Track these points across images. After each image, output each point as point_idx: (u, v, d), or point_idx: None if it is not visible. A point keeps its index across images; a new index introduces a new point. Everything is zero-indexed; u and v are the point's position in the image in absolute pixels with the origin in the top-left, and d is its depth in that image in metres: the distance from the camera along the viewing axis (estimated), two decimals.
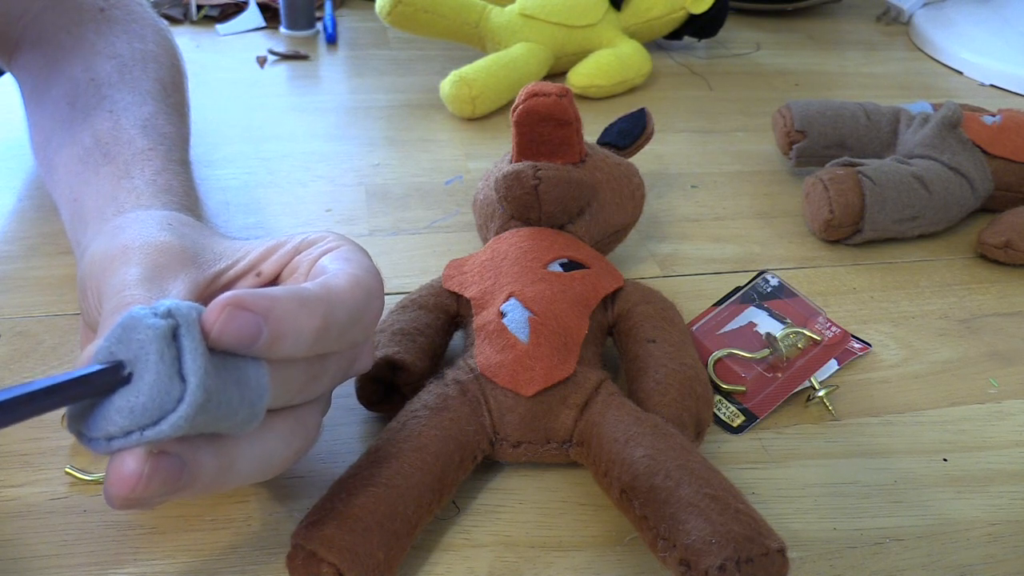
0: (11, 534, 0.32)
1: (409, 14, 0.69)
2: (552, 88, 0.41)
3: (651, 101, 0.73)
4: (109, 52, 0.44)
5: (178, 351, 0.22)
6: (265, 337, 0.24)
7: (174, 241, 0.31)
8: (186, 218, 0.34)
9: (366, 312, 0.28)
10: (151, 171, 0.38)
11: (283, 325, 0.24)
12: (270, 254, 0.31)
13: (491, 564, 0.32)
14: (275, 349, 0.24)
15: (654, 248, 0.52)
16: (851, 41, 0.93)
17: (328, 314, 0.26)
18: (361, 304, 0.27)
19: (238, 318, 0.23)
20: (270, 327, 0.24)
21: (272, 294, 0.24)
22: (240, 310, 0.23)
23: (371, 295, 0.28)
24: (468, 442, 0.33)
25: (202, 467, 0.24)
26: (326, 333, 0.26)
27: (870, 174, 0.51)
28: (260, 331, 0.23)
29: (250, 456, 0.26)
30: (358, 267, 0.29)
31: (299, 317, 0.25)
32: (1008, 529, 0.35)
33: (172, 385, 0.22)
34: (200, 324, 0.23)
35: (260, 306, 0.24)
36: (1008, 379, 0.43)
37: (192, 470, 0.24)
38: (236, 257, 0.31)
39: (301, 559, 0.28)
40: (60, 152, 0.40)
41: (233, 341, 0.23)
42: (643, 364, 0.37)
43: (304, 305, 0.25)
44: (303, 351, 0.25)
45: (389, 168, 0.59)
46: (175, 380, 0.22)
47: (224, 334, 0.23)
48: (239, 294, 0.23)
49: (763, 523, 0.29)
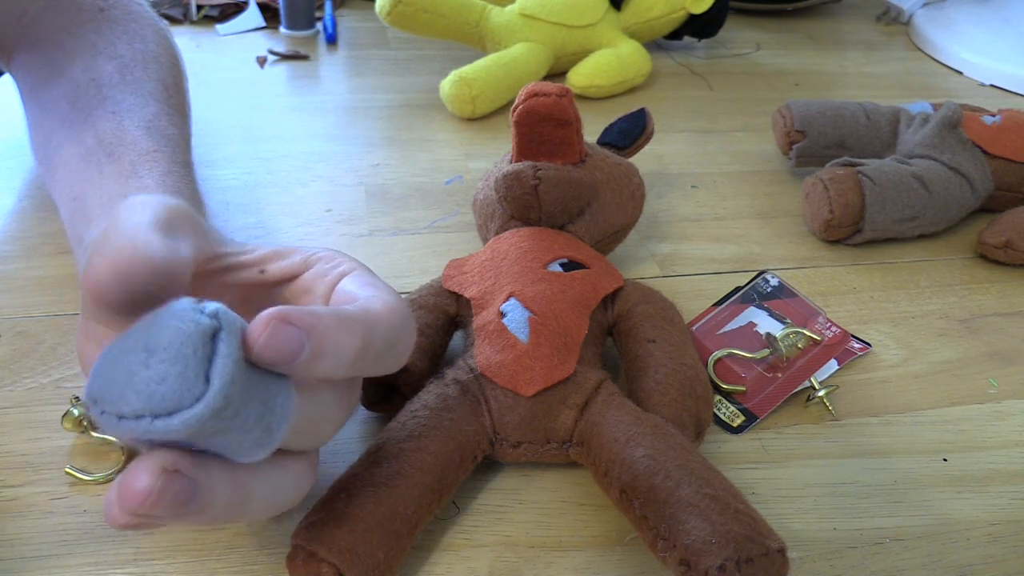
0: (11, 534, 0.32)
1: (409, 14, 0.69)
2: (552, 88, 0.41)
3: (651, 101, 0.73)
4: (110, 52, 0.44)
5: (212, 353, 0.22)
6: (307, 353, 0.24)
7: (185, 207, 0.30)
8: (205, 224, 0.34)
9: (402, 337, 0.28)
10: (159, 172, 0.38)
11: (325, 343, 0.24)
12: (277, 258, 0.31)
13: (491, 564, 0.32)
14: (315, 366, 0.24)
15: (654, 248, 0.52)
16: (851, 41, 0.93)
17: (367, 335, 0.26)
18: (398, 329, 0.28)
19: (283, 332, 0.23)
20: (313, 343, 0.24)
21: (315, 311, 0.24)
22: (286, 324, 0.23)
23: (406, 320, 0.28)
24: (468, 442, 0.33)
25: (215, 496, 0.24)
26: (364, 355, 0.26)
27: (870, 174, 0.51)
28: (303, 346, 0.23)
29: (265, 493, 0.26)
30: (388, 293, 0.29)
31: (341, 336, 0.25)
32: (1008, 529, 0.35)
33: (196, 383, 0.22)
34: (243, 335, 0.23)
35: (305, 322, 0.24)
36: (1008, 379, 0.43)
37: (204, 497, 0.23)
38: (242, 249, 0.31)
39: (301, 559, 0.28)
40: (60, 151, 0.40)
41: (276, 354, 0.23)
42: (643, 364, 0.37)
43: (345, 324, 0.25)
44: (342, 371, 0.25)
45: (389, 168, 0.59)
46: (200, 379, 0.22)
47: (269, 347, 0.23)
48: (285, 309, 0.23)
49: (763, 523, 0.29)
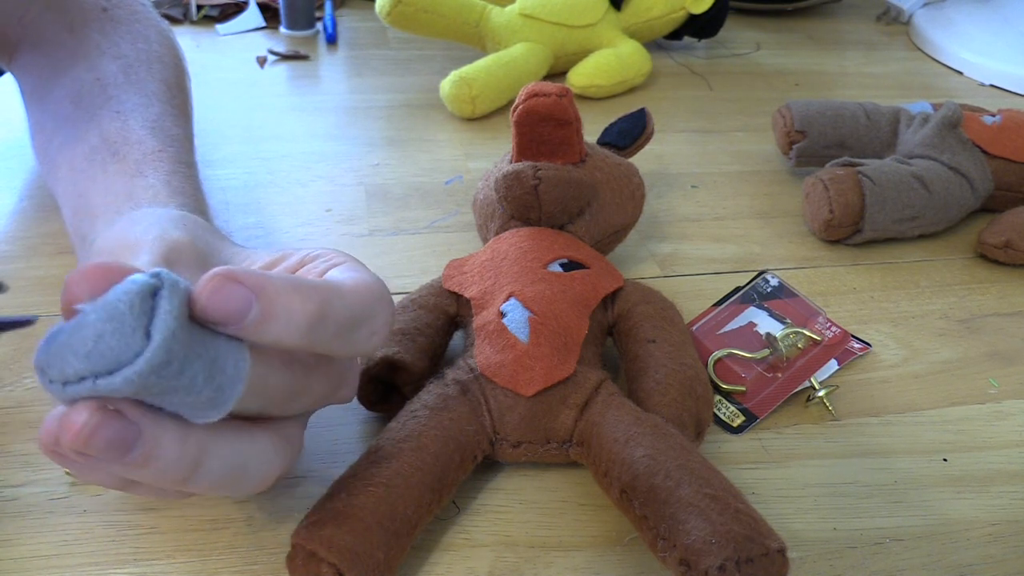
0: (11, 534, 0.32)
1: (409, 14, 0.69)
2: (552, 88, 0.41)
3: (651, 101, 0.73)
4: (113, 52, 0.44)
5: (152, 310, 0.22)
6: (255, 314, 0.23)
7: (186, 239, 0.30)
8: (199, 219, 0.34)
9: (370, 316, 0.27)
10: (164, 172, 0.38)
11: (275, 305, 0.23)
12: (274, 265, 0.31)
13: (491, 564, 0.32)
14: (264, 329, 0.23)
15: (654, 248, 0.52)
16: (851, 41, 0.93)
17: (324, 304, 0.25)
18: (365, 306, 0.27)
19: (228, 289, 0.22)
20: (261, 305, 0.23)
21: (267, 273, 0.24)
22: (232, 282, 0.23)
23: (376, 299, 0.27)
24: (468, 442, 0.33)
25: (162, 447, 0.23)
26: (321, 325, 0.25)
27: (870, 174, 0.51)
28: (249, 306, 0.23)
29: (223, 457, 0.25)
30: (364, 273, 0.28)
31: (293, 300, 0.24)
32: (1008, 529, 0.35)
33: (134, 338, 0.21)
34: (187, 294, 0.22)
35: (253, 282, 0.23)
36: (1008, 379, 0.43)
37: (148, 445, 0.23)
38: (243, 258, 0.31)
39: (301, 559, 0.28)
40: (64, 150, 0.40)
41: (221, 312, 0.22)
42: (643, 364, 0.37)
43: (299, 290, 0.24)
44: (295, 338, 0.24)
45: (389, 168, 0.59)
46: (139, 334, 0.22)
47: (212, 303, 0.22)
48: (232, 268, 0.23)
49: (763, 523, 0.29)
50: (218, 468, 0.25)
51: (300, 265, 0.31)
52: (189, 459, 0.24)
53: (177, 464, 0.24)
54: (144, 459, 0.23)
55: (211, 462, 0.25)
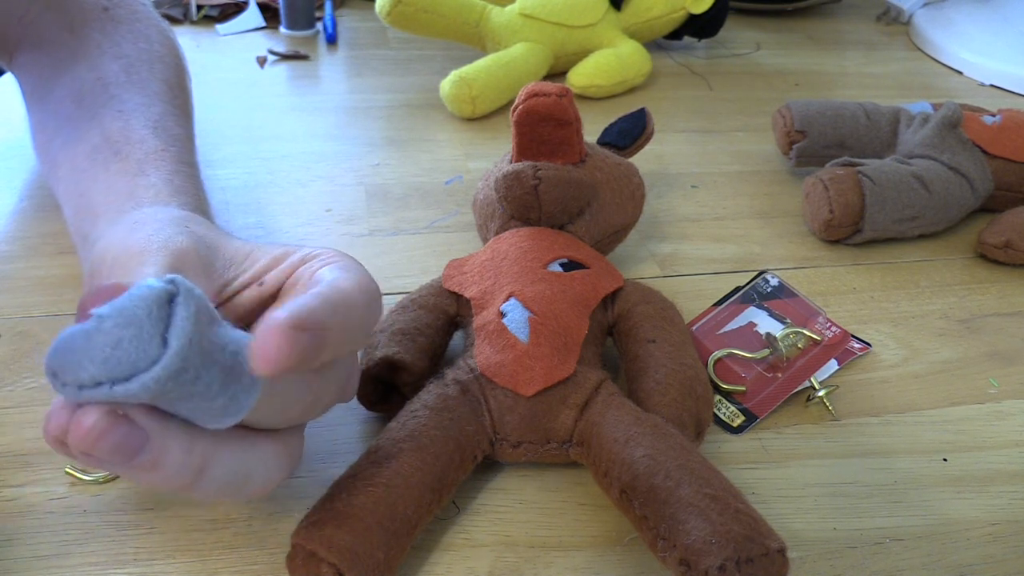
0: (11, 534, 0.32)
1: (409, 14, 0.69)
2: (552, 88, 0.41)
3: (651, 101, 0.73)
4: (115, 52, 0.44)
5: (169, 317, 0.22)
6: (316, 350, 0.24)
7: (190, 247, 0.30)
8: (201, 219, 0.34)
9: (369, 316, 0.28)
10: (166, 171, 0.38)
11: (329, 336, 0.24)
12: (274, 265, 0.31)
13: (491, 564, 0.32)
14: (318, 360, 0.24)
15: (654, 248, 0.52)
16: (851, 41, 0.93)
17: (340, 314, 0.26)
18: (367, 307, 0.28)
19: (302, 341, 0.23)
20: (320, 337, 0.24)
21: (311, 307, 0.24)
22: (301, 332, 0.23)
23: (372, 299, 0.28)
24: (468, 442, 0.33)
25: (168, 453, 0.23)
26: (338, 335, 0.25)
27: (870, 174, 0.51)
28: (323, 341, 0.24)
29: (227, 465, 0.25)
30: (358, 273, 0.29)
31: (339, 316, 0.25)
32: (1008, 529, 0.35)
33: (151, 345, 0.22)
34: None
35: (313, 322, 0.24)
36: (1008, 379, 0.43)
37: (155, 451, 0.23)
38: (244, 266, 0.31)
39: (301, 559, 0.28)
40: (65, 149, 0.40)
41: (295, 363, 0.23)
42: (643, 364, 0.37)
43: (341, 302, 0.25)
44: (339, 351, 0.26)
45: (389, 168, 0.59)
46: (155, 340, 0.22)
47: (292, 357, 0.23)
48: (292, 315, 0.23)
49: (763, 523, 0.29)
50: (221, 476, 0.25)
51: (300, 264, 0.31)
52: (194, 466, 0.24)
53: (182, 471, 0.24)
54: (150, 465, 0.23)
55: (215, 470, 0.25)
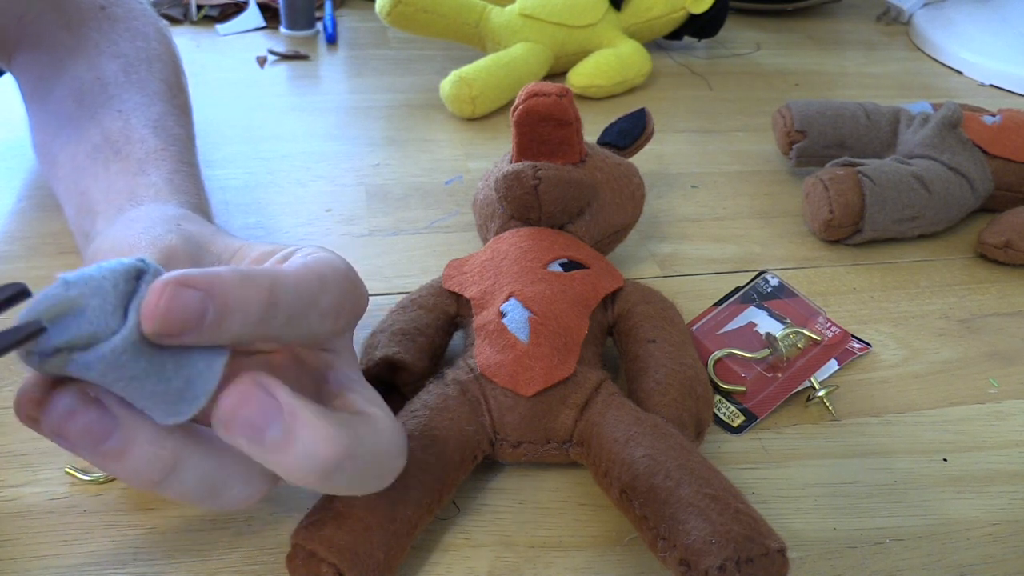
0: (11, 534, 0.32)
1: (409, 14, 0.69)
2: (552, 88, 0.41)
3: (651, 101, 0.73)
4: (113, 51, 0.44)
5: (134, 291, 0.22)
6: (212, 314, 0.22)
7: (178, 244, 0.30)
8: (195, 216, 0.34)
9: (319, 298, 0.26)
10: (167, 170, 0.38)
11: (228, 299, 0.23)
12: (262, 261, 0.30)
13: (491, 564, 0.32)
14: (223, 328, 0.23)
15: (654, 248, 0.52)
16: (851, 41, 0.93)
17: (274, 288, 0.24)
18: (312, 288, 0.26)
19: (183, 296, 0.22)
20: (216, 302, 0.23)
21: (214, 270, 0.23)
22: (184, 287, 0.22)
23: (324, 281, 0.27)
24: (468, 442, 0.33)
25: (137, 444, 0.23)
26: (273, 310, 0.24)
27: (870, 174, 0.51)
28: (206, 307, 0.22)
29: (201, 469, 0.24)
30: (315, 260, 0.28)
31: (244, 289, 0.23)
32: (1008, 529, 0.35)
33: (114, 317, 0.22)
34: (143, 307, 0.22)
35: (203, 282, 0.22)
36: (1008, 379, 0.43)
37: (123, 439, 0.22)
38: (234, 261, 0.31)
39: (301, 559, 0.28)
40: (65, 149, 0.40)
41: (180, 322, 0.22)
42: (643, 364, 0.37)
43: (248, 279, 0.24)
44: (250, 330, 0.24)
45: (389, 168, 0.59)
46: (118, 313, 0.22)
47: (170, 314, 0.22)
48: (181, 272, 0.22)
49: (763, 523, 0.29)
50: (194, 479, 0.24)
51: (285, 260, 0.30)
52: (163, 462, 0.24)
53: (151, 464, 0.23)
54: (118, 453, 0.23)
55: (187, 471, 0.24)
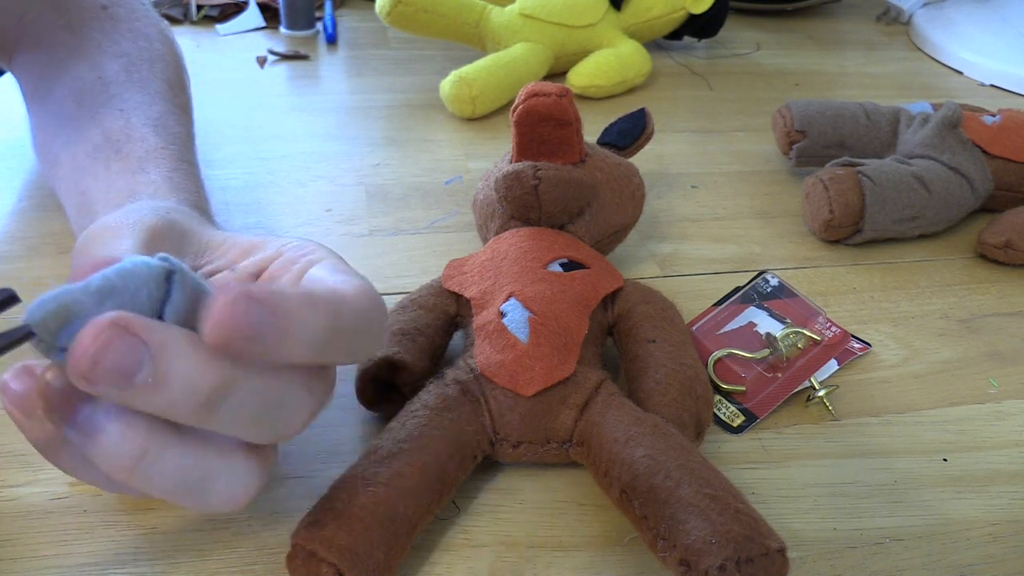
0: (11, 534, 0.32)
1: (409, 14, 0.69)
2: (552, 88, 0.41)
3: (651, 101, 0.73)
4: (115, 51, 0.44)
5: (166, 295, 0.23)
6: (272, 335, 0.22)
7: (164, 227, 0.30)
8: (185, 209, 0.34)
9: (373, 322, 0.26)
10: (166, 169, 0.38)
11: (291, 323, 0.23)
12: (250, 253, 0.30)
13: (491, 564, 0.32)
14: (280, 348, 0.23)
15: (654, 248, 0.52)
16: (851, 41, 0.93)
17: (336, 316, 0.24)
18: (369, 313, 0.26)
19: (245, 309, 0.21)
20: (278, 322, 0.22)
21: (281, 289, 0.23)
22: (251, 302, 0.22)
23: (375, 304, 0.27)
24: (468, 442, 0.33)
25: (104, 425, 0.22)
26: (334, 337, 0.24)
27: (870, 174, 0.51)
28: (265, 329, 0.22)
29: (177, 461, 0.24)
30: (358, 279, 0.28)
31: (307, 315, 0.23)
32: (1008, 529, 0.35)
33: None
34: (207, 318, 0.22)
35: (270, 300, 0.22)
36: (1008, 379, 0.43)
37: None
38: (217, 252, 0.31)
39: (301, 559, 0.28)
40: (66, 149, 0.40)
41: (240, 336, 0.22)
42: (643, 364, 0.37)
43: (313, 304, 0.24)
44: (309, 354, 0.24)
45: (389, 168, 0.59)
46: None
47: (232, 328, 0.21)
48: (249, 286, 0.22)
49: (763, 523, 0.29)
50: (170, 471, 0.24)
51: (277, 255, 0.30)
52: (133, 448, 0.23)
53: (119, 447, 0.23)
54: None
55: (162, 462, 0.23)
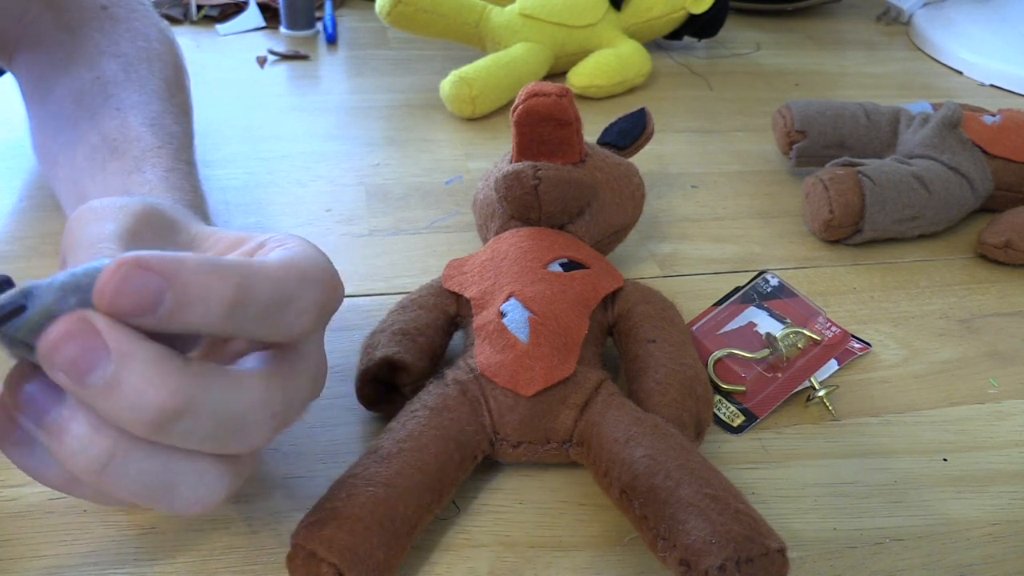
0: (11, 534, 0.32)
1: (409, 14, 0.69)
2: (552, 88, 0.41)
3: (651, 101, 0.73)
4: (114, 51, 0.44)
5: None
6: (168, 304, 0.21)
7: (151, 212, 0.29)
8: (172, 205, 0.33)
9: (295, 296, 0.25)
10: (162, 168, 0.38)
11: (189, 291, 0.21)
12: (236, 246, 0.29)
13: (491, 564, 0.32)
14: (179, 318, 0.22)
15: (654, 248, 0.52)
16: (851, 41, 0.93)
17: (243, 285, 0.23)
18: (290, 286, 0.25)
19: (137, 279, 0.21)
20: (175, 292, 0.21)
21: (179, 256, 0.22)
22: (141, 270, 0.21)
23: (305, 278, 0.25)
24: (468, 442, 0.33)
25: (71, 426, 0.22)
26: (241, 308, 0.23)
27: (870, 174, 0.51)
28: (162, 295, 0.21)
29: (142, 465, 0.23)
30: (296, 253, 0.26)
31: (209, 283, 0.22)
32: (1008, 529, 0.35)
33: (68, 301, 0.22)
34: (95, 287, 0.21)
35: (165, 268, 0.21)
36: (1008, 379, 0.43)
37: (59, 427, 0.22)
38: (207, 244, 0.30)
39: (301, 559, 0.28)
40: (65, 150, 0.40)
41: (130, 305, 0.21)
42: (643, 364, 0.37)
43: (216, 271, 0.22)
44: (214, 324, 0.23)
45: (389, 168, 0.59)
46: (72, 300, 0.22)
47: (120, 296, 0.21)
48: (141, 253, 0.21)
49: (763, 523, 0.29)
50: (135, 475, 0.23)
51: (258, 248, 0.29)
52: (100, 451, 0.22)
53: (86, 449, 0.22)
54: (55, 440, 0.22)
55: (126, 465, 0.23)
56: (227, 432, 0.24)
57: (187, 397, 0.22)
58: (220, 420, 0.24)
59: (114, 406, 0.22)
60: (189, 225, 0.31)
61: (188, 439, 0.23)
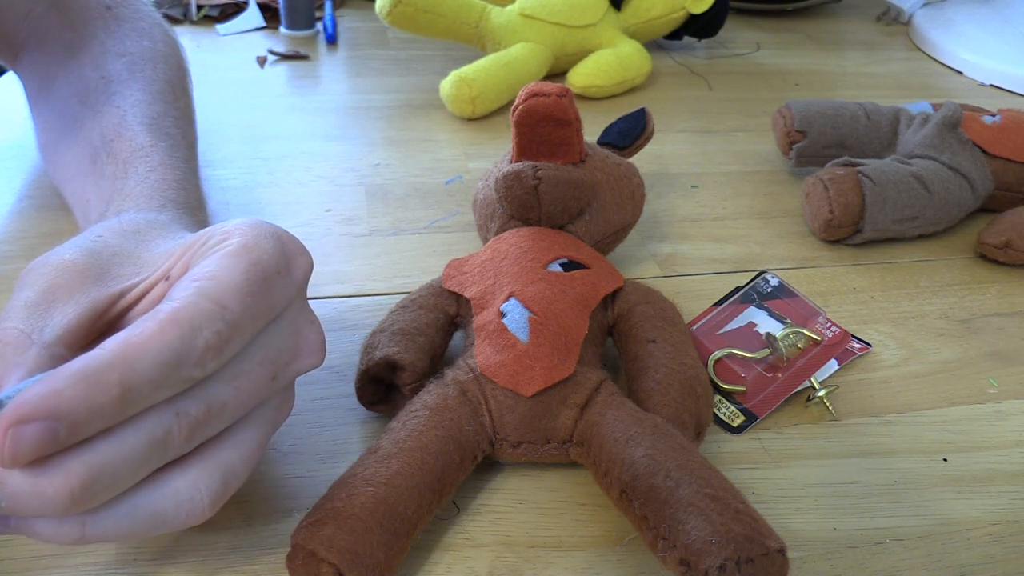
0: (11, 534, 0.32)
1: (409, 14, 0.69)
2: (552, 88, 0.41)
3: (651, 101, 0.73)
4: (118, 50, 0.44)
5: None
6: (64, 431, 0.22)
7: (79, 258, 0.29)
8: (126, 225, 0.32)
9: (189, 348, 0.24)
10: (145, 168, 0.37)
11: (77, 412, 0.22)
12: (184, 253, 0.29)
13: (491, 564, 0.32)
14: (83, 432, 0.23)
15: (654, 248, 0.52)
16: (851, 41, 0.93)
17: (125, 377, 0.23)
18: (175, 343, 0.24)
19: (25, 433, 0.21)
20: (65, 421, 0.22)
21: (55, 387, 0.22)
22: (22, 425, 0.21)
23: (194, 325, 0.24)
24: (468, 442, 0.33)
25: (32, 524, 0.24)
26: (136, 392, 0.23)
27: (870, 174, 0.51)
28: (55, 431, 0.22)
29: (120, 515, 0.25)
30: (195, 291, 0.25)
31: (90, 394, 0.22)
32: (1008, 529, 0.35)
33: None
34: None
35: (44, 408, 0.22)
36: (1008, 379, 0.43)
37: (18, 525, 0.24)
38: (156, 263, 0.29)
39: (301, 559, 0.28)
40: (70, 151, 0.40)
41: (30, 454, 0.22)
42: (643, 364, 0.37)
43: (93, 379, 0.22)
44: (120, 414, 0.23)
45: (389, 168, 0.59)
46: None
47: (17, 455, 0.21)
48: (16, 405, 0.22)
49: (763, 523, 0.29)
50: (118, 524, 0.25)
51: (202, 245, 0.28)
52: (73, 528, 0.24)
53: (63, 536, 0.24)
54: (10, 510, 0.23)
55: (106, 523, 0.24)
56: (153, 451, 0.24)
57: (85, 472, 0.23)
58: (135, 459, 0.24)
59: (32, 512, 0.23)
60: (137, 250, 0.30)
61: (117, 485, 0.24)
